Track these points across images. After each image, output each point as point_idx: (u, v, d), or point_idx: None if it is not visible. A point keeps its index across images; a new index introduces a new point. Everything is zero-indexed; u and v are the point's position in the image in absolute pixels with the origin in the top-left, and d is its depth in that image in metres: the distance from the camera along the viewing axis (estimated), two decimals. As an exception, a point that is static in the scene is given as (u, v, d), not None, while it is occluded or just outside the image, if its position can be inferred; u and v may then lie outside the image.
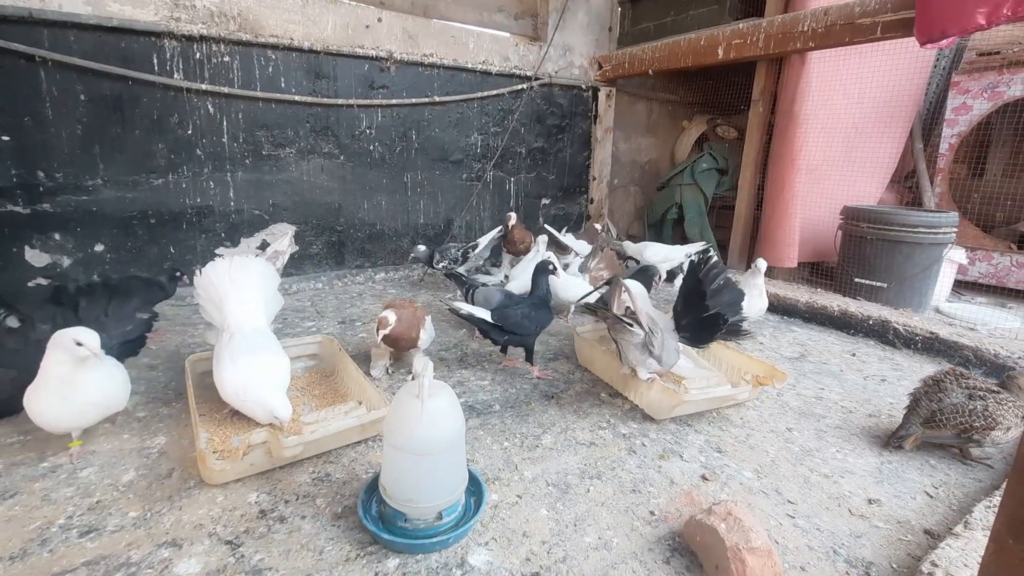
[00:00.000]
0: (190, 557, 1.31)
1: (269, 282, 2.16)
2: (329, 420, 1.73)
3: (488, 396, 2.22)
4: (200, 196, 3.36)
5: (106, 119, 3.01)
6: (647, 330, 2.00)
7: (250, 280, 2.05)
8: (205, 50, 3.17)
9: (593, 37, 4.84)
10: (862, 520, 1.56)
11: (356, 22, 3.65)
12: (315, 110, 3.61)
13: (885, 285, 3.34)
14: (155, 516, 1.44)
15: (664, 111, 5.57)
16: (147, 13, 3.00)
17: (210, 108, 3.27)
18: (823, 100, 3.73)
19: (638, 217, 5.67)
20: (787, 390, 2.38)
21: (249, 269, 2.07)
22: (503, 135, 4.45)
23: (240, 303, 1.98)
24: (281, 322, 2.97)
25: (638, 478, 1.70)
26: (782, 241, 3.88)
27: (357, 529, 1.42)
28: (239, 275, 2.03)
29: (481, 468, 1.71)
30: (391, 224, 4.14)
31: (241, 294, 2.00)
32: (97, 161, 3.03)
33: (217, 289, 1.98)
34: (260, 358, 1.84)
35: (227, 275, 2.00)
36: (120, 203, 3.13)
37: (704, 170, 4.87)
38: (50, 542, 1.34)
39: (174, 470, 1.64)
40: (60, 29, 2.80)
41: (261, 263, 2.14)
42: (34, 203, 2.91)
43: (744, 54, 3.77)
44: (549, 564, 1.34)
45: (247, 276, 2.05)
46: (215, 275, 2.01)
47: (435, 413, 1.32)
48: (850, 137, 3.94)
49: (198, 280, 2.05)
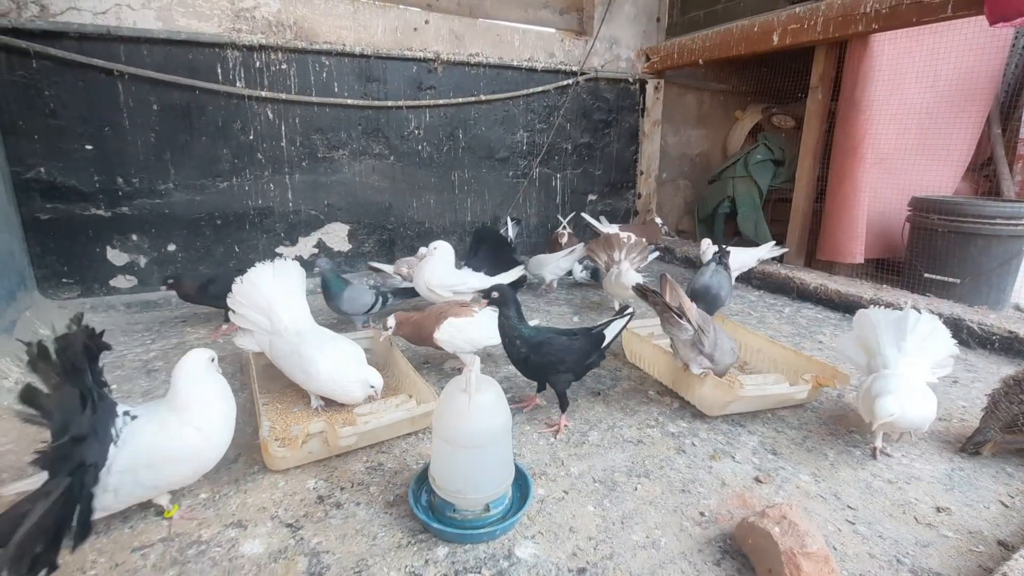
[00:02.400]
0: (254, 538, 1.39)
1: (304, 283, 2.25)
2: (381, 412, 1.80)
3: (535, 392, 2.23)
4: (261, 198, 3.54)
5: (176, 127, 3.21)
6: (696, 327, 1.95)
7: (293, 282, 2.13)
8: (264, 59, 3.34)
9: (640, 29, 4.75)
10: (929, 529, 1.47)
11: (405, 25, 3.74)
12: (366, 112, 3.73)
13: (958, 281, 3.12)
14: (223, 498, 1.54)
15: (715, 102, 5.40)
16: (211, 26, 3.18)
17: (269, 114, 3.44)
18: (893, 85, 3.49)
19: (688, 212, 5.52)
20: (849, 391, 2.27)
21: (290, 272, 2.16)
22: (549, 131, 4.44)
23: (289, 305, 2.07)
24: (335, 317, 3.09)
25: (687, 478, 1.67)
26: (845, 235, 3.68)
27: (408, 517, 1.47)
28: (283, 279, 2.11)
29: (528, 463, 1.73)
30: (439, 222, 4.22)
31: (288, 296, 2.08)
32: (168, 166, 3.24)
33: (263, 294, 2.04)
34: (339, 344, 1.98)
35: (272, 280, 2.08)
36: (189, 205, 3.35)
37: (759, 161, 4.68)
38: (131, 519, 1.45)
39: (240, 456, 1.75)
40: (134, 44, 3.01)
41: (297, 266, 2.23)
42: (114, 207, 3.16)
43: (801, 39, 3.59)
44: (596, 560, 1.34)
45: (290, 279, 2.13)
46: (260, 281, 2.05)
47: (482, 407, 1.35)
48: (923, 123, 3.67)
49: (239, 288, 2.04)
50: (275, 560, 1.32)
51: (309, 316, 2.14)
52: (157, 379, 2.31)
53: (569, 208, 4.75)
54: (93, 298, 3.19)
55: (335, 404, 2.01)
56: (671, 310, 1.96)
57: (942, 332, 1.94)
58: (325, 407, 2.00)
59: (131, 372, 2.38)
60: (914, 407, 1.69)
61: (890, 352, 1.87)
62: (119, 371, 2.38)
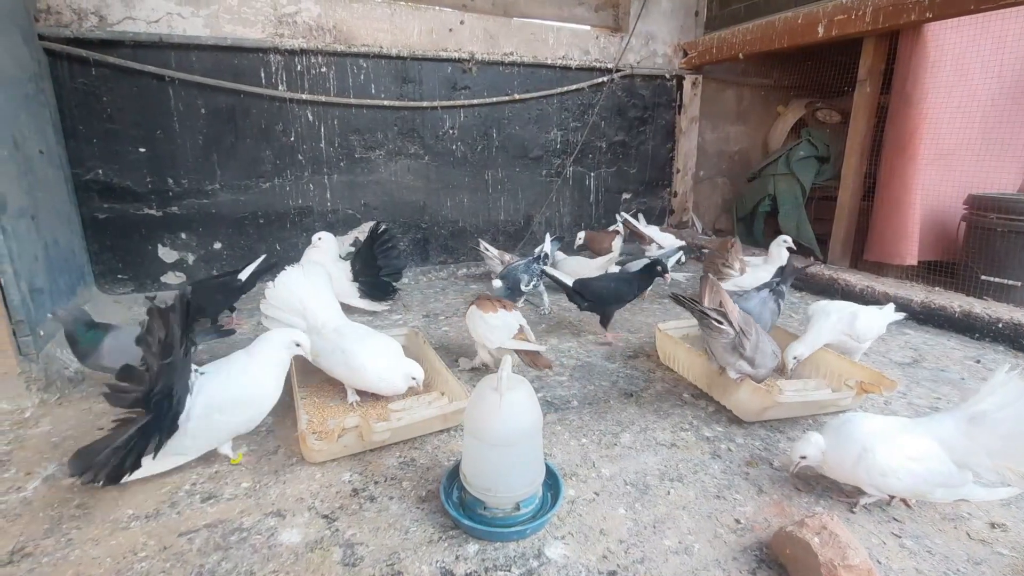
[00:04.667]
0: (292, 527, 1.44)
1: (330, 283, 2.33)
2: (414, 409, 1.83)
3: (566, 392, 2.23)
4: (301, 198, 3.65)
5: (222, 130, 3.34)
6: (737, 330, 1.91)
7: (323, 282, 2.22)
8: (305, 62, 3.43)
9: (678, 23, 4.65)
10: (983, 545, 1.40)
11: (440, 26, 3.78)
12: (402, 113, 3.79)
13: (1019, 283, 2.94)
14: (263, 488, 1.60)
15: (756, 97, 5.24)
16: (255, 31, 3.30)
17: (310, 116, 3.54)
18: (955, 76, 3.30)
19: (726, 210, 5.38)
20: (896, 398, 2.17)
21: (320, 273, 2.23)
22: (583, 130, 4.41)
23: (323, 303, 2.15)
24: (370, 315, 3.15)
25: (723, 484, 1.64)
26: (895, 235, 3.51)
27: (439, 513, 1.48)
28: (313, 279, 2.20)
29: (558, 463, 1.73)
30: (473, 221, 4.25)
31: (320, 295, 2.16)
32: (215, 168, 3.38)
33: (297, 295, 2.13)
34: (379, 339, 2.06)
35: (305, 281, 2.16)
36: (234, 205, 3.48)
37: (802, 158, 4.52)
38: (178, 504, 1.52)
39: (279, 447, 1.81)
40: (184, 51, 3.15)
41: (323, 267, 2.31)
42: (165, 206, 3.31)
43: (848, 31, 3.45)
44: (627, 564, 1.32)
45: (319, 279, 2.22)
46: (293, 283, 2.15)
47: (513, 406, 1.35)
48: (987, 117, 3.46)
49: (272, 292, 2.14)
50: (311, 550, 1.36)
51: (342, 314, 2.21)
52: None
53: (604, 207, 4.71)
54: (145, 293, 3.35)
55: (370, 399, 2.05)
56: (709, 316, 1.92)
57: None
58: (361, 402, 2.05)
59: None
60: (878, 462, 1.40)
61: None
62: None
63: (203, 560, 1.32)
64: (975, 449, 1.38)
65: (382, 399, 2.04)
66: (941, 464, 1.39)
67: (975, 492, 1.42)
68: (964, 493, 1.41)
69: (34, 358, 2.09)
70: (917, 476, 1.39)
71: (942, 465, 1.39)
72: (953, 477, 1.39)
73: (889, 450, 1.41)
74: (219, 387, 1.63)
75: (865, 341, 2.25)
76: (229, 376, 1.67)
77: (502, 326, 2.20)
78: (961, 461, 1.39)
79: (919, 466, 1.39)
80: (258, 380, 1.69)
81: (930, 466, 1.39)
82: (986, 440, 1.37)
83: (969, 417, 1.41)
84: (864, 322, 2.21)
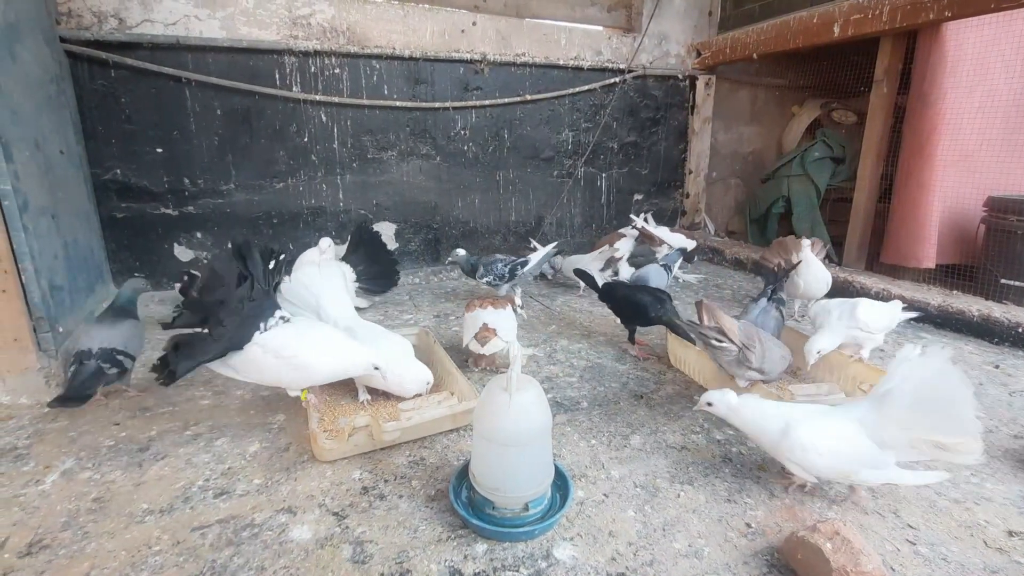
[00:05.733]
0: (303, 524, 1.45)
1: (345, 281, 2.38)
2: (424, 408, 1.84)
3: (576, 393, 2.22)
4: (314, 198, 3.68)
5: (237, 130, 3.39)
6: (740, 346, 1.90)
7: (338, 280, 2.27)
8: (319, 63, 3.46)
9: (691, 23, 4.62)
10: (1000, 554, 1.37)
11: (452, 28, 3.79)
12: (414, 114, 3.81)
13: (1041, 287, 2.88)
14: (274, 484, 1.62)
15: (770, 97, 5.19)
16: (270, 33, 3.33)
17: (323, 117, 3.57)
18: (973, 76, 3.24)
19: (738, 212, 5.34)
20: (911, 403, 2.13)
21: (334, 270, 2.27)
22: (595, 131, 4.40)
23: (336, 301, 2.18)
24: (382, 314, 3.17)
25: (733, 487, 1.62)
26: (912, 237, 3.46)
27: (448, 512, 1.49)
28: (328, 276, 2.24)
29: (568, 464, 1.72)
30: (484, 222, 4.26)
31: (334, 292, 2.20)
32: (230, 168, 3.42)
33: (311, 291, 2.17)
34: (393, 339, 2.08)
35: (320, 278, 2.20)
36: (249, 205, 3.52)
37: (816, 159, 4.48)
38: (191, 500, 1.54)
39: (291, 444, 1.82)
40: (200, 53, 3.19)
41: (338, 264, 2.34)
42: (181, 206, 3.36)
43: (865, 30, 3.40)
44: (635, 567, 1.32)
45: (335, 277, 2.26)
46: (308, 279, 2.19)
47: (522, 406, 1.35)
48: (1009, 117, 3.39)
49: (287, 287, 2.17)
50: (321, 547, 1.37)
51: (355, 313, 2.24)
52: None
53: (615, 208, 4.69)
54: (161, 292, 3.40)
55: (380, 399, 2.06)
56: (708, 338, 1.94)
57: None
58: (371, 401, 2.06)
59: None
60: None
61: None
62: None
63: (215, 555, 1.34)
64: (886, 424, 1.44)
65: (393, 398, 2.05)
66: (861, 442, 1.45)
67: (902, 476, 1.45)
68: (891, 476, 1.45)
69: (53, 354, 2.13)
70: (839, 454, 1.45)
71: (862, 443, 1.45)
72: (874, 457, 1.43)
73: (810, 427, 1.47)
74: (285, 337, 1.75)
75: (875, 332, 2.22)
76: (299, 333, 1.78)
77: (471, 325, 2.25)
78: (878, 439, 1.44)
79: (840, 444, 1.45)
80: (316, 354, 1.75)
81: (851, 444, 1.45)
82: (895, 414, 1.43)
83: (880, 396, 1.48)
84: (864, 311, 2.19)
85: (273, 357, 1.71)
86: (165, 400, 2.13)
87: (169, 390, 2.20)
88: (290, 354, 1.73)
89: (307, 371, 1.76)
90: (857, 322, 2.18)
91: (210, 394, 2.18)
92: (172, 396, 2.15)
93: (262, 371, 1.75)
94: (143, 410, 2.05)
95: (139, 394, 2.16)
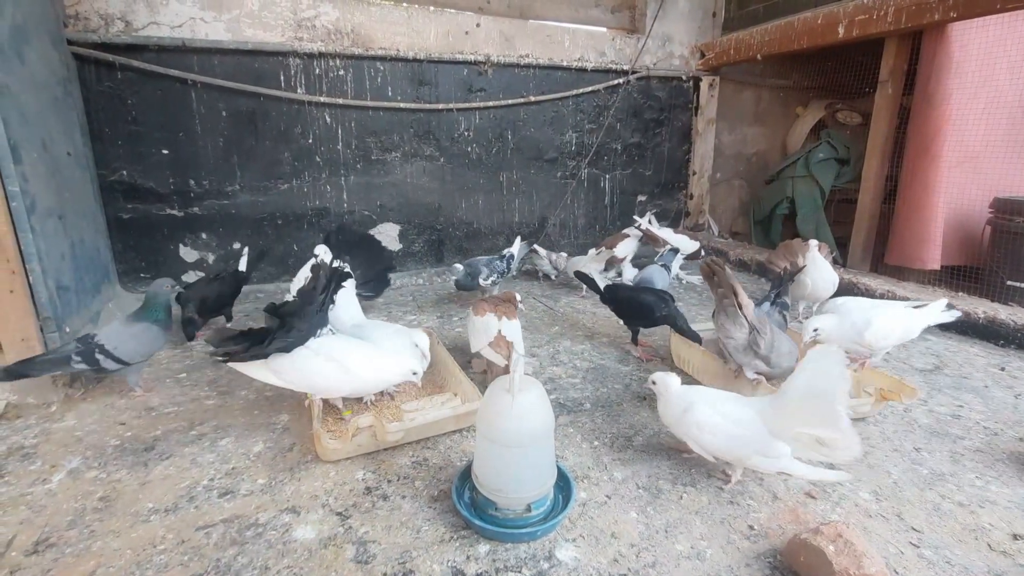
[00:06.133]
0: (306, 524, 1.46)
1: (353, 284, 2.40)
2: (427, 409, 1.85)
3: (579, 394, 2.23)
4: (319, 199, 3.70)
5: (242, 132, 3.40)
6: (752, 326, 1.90)
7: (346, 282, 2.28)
8: (323, 65, 3.48)
9: (695, 24, 4.62)
10: (1004, 557, 1.36)
11: (456, 29, 3.80)
12: (418, 115, 3.82)
13: (1047, 289, 2.86)
14: (278, 484, 1.63)
15: (775, 98, 5.18)
16: (275, 35, 3.35)
17: (327, 118, 3.58)
18: (979, 77, 3.22)
19: (743, 213, 5.33)
20: (917, 406, 2.13)
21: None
22: (598, 132, 4.40)
23: (343, 302, 2.22)
24: (386, 314, 3.18)
25: (736, 490, 1.62)
26: (916, 239, 3.44)
27: (451, 513, 1.49)
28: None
29: (570, 465, 1.73)
30: (487, 223, 4.27)
31: (343, 293, 2.21)
32: (235, 169, 3.44)
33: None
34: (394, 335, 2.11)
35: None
36: (253, 206, 3.53)
37: (821, 160, 4.46)
38: (196, 499, 1.56)
39: (295, 445, 1.83)
40: (206, 55, 3.21)
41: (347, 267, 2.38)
42: (187, 207, 3.38)
43: (869, 31, 3.39)
44: (638, 568, 1.32)
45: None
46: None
47: (525, 407, 1.36)
48: (1013, 118, 3.36)
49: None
50: (325, 546, 1.38)
51: (361, 313, 2.28)
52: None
53: (618, 209, 4.69)
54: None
55: (384, 399, 2.07)
56: (736, 295, 1.94)
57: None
58: (375, 401, 2.07)
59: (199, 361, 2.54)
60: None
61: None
62: (188, 360, 2.54)
63: (220, 554, 1.35)
64: (777, 415, 1.51)
65: (396, 399, 2.06)
66: (756, 430, 1.51)
67: (796, 467, 1.49)
68: (783, 465, 1.50)
69: (60, 354, 2.14)
70: (732, 436, 1.53)
71: (756, 431, 1.51)
72: (767, 445, 1.49)
73: (710, 408, 1.57)
74: (334, 344, 1.86)
75: (881, 351, 2.19)
76: (347, 345, 1.88)
77: (482, 330, 2.21)
78: (772, 429, 1.50)
79: (736, 428, 1.53)
80: (361, 366, 1.82)
81: (746, 429, 1.52)
82: (785, 406, 1.49)
83: (781, 389, 1.55)
84: (875, 333, 2.12)
85: (324, 360, 1.79)
86: (170, 400, 2.14)
87: (173, 390, 2.22)
88: (340, 356, 1.81)
89: (353, 375, 1.81)
90: (864, 342, 2.14)
91: (215, 394, 2.20)
92: (177, 396, 2.16)
93: (306, 374, 1.78)
94: (148, 410, 2.07)
95: (144, 394, 2.17)
